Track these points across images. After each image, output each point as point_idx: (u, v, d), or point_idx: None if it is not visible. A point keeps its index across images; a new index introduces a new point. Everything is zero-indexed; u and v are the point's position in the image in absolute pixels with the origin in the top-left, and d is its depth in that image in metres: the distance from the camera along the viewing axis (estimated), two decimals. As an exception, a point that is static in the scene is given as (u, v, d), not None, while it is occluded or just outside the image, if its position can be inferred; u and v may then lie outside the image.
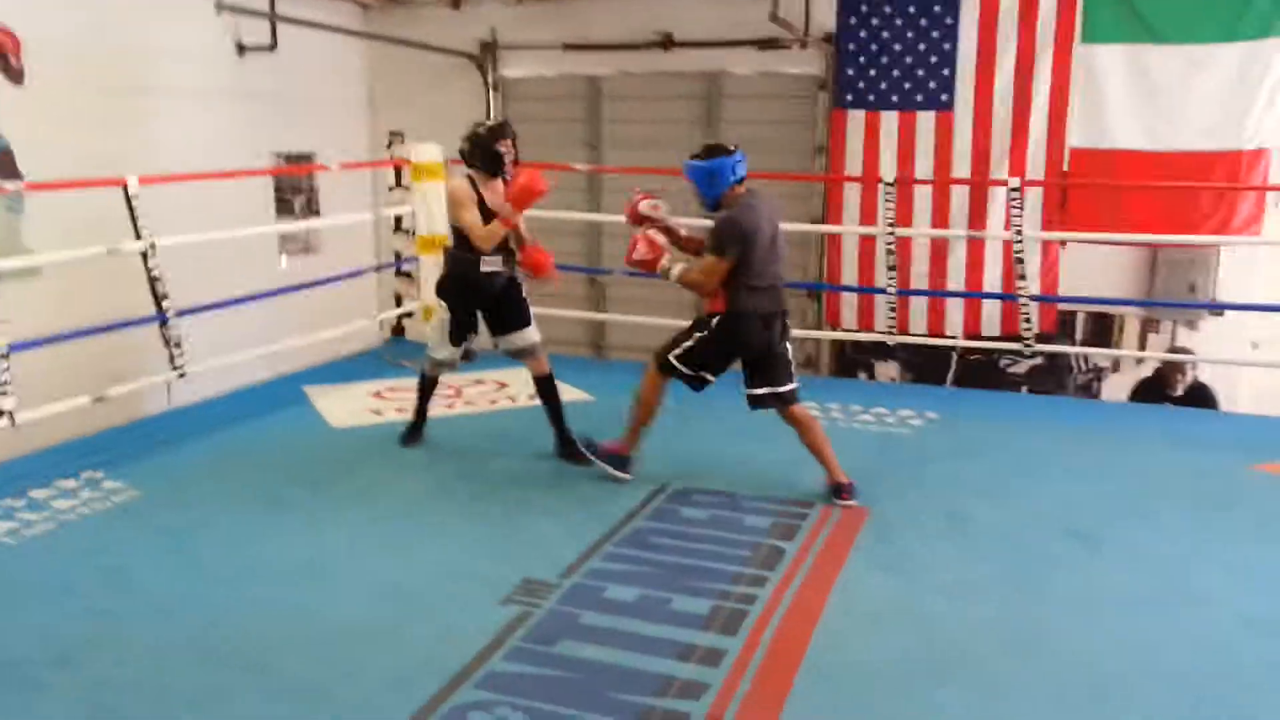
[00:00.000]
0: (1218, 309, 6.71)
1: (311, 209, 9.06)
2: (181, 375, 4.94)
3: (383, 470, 4.66)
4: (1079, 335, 7.27)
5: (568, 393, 5.75)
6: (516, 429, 5.32)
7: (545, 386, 4.90)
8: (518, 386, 6.06)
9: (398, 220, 6.96)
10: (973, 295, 6.70)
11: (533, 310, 5.03)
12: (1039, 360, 7.69)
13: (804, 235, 8.36)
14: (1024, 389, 7.72)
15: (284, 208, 8.84)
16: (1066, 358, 7.68)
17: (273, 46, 7.97)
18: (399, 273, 7.07)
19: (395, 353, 6.76)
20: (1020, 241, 5.81)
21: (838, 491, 4.28)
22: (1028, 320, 5.91)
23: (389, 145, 6.85)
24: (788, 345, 4.38)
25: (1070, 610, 3.33)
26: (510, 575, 3.54)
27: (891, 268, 6.08)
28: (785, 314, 4.32)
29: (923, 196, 6.83)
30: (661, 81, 8.81)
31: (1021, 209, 5.76)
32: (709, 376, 4.38)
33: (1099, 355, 6.91)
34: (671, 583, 3.48)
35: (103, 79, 6.89)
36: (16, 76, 6.27)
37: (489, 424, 5.44)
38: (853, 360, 8.34)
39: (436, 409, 5.54)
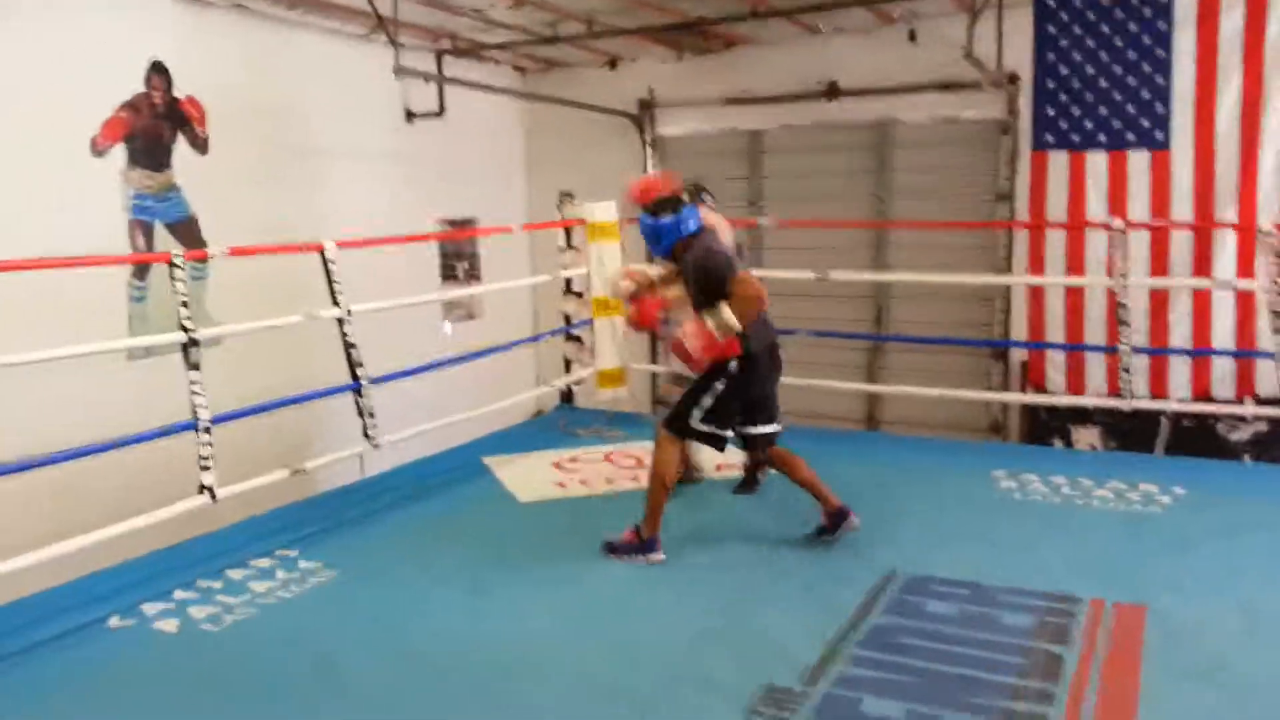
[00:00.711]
0: None
1: (473, 274, 9.05)
2: (376, 446, 4.77)
3: (581, 549, 4.33)
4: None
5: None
6: (712, 503, 4.95)
7: None
8: (703, 456, 5.70)
9: (568, 282, 6.76)
10: (1235, 354, 6.01)
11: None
12: (1264, 427, 6.92)
13: (985, 288, 7.84)
14: (1247, 458, 6.96)
15: (447, 273, 8.85)
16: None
17: (440, 112, 8.01)
18: (569, 337, 6.85)
19: (568, 420, 6.51)
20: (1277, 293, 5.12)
21: (835, 520, 4.23)
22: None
23: (560, 205, 6.68)
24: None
25: None
26: (747, 681, 3.13)
27: (1124, 323, 5.39)
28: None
29: (1137, 243, 6.24)
30: (826, 133, 8.48)
31: (1273, 256, 5.11)
32: (727, 434, 4.22)
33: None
34: (939, 696, 3.01)
35: (280, 146, 6.99)
36: (202, 146, 6.38)
37: (679, 499, 5.08)
38: (1047, 425, 7.71)
39: (625, 483, 5.26)
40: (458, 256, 8.96)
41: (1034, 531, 4.39)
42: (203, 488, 3.94)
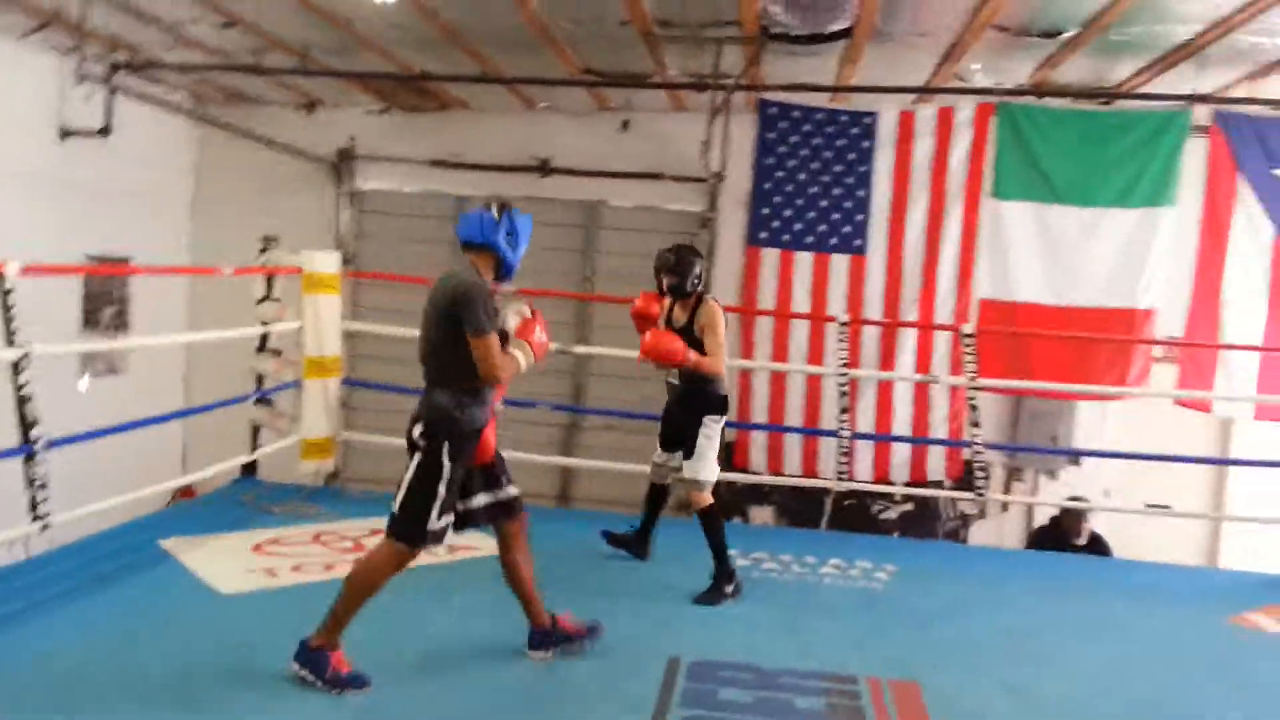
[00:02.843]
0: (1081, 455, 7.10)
1: (121, 322, 7.81)
2: (47, 526, 3.77)
3: (318, 649, 3.69)
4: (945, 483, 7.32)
5: (489, 544, 5.03)
6: (469, 589, 4.47)
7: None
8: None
9: (263, 339, 5.98)
10: (922, 441, 6.66)
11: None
12: (909, 506, 7.73)
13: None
14: (896, 534, 7.73)
15: (89, 319, 7.55)
16: (935, 504, 7.79)
17: (106, 131, 6.89)
18: (260, 401, 6.04)
19: (258, 496, 5.68)
20: (975, 387, 5.75)
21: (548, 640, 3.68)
22: (983, 469, 5.76)
23: (262, 251, 5.93)
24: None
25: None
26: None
27: (844, 410, 5.76)
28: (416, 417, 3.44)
29: (831, 337, 6.76)
30: (536, 207, 8.41)
31: (974, 355, 5.75)
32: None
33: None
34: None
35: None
36: None
37: (431, 583, 4.55)
38: (728, 503, 8.08)
39: (348, 568, 4.61)
40: (106, 300, 7.68)
41: (787, 610, 4.45)
42: None
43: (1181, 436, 7.34)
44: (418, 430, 3.37)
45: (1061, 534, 6.50)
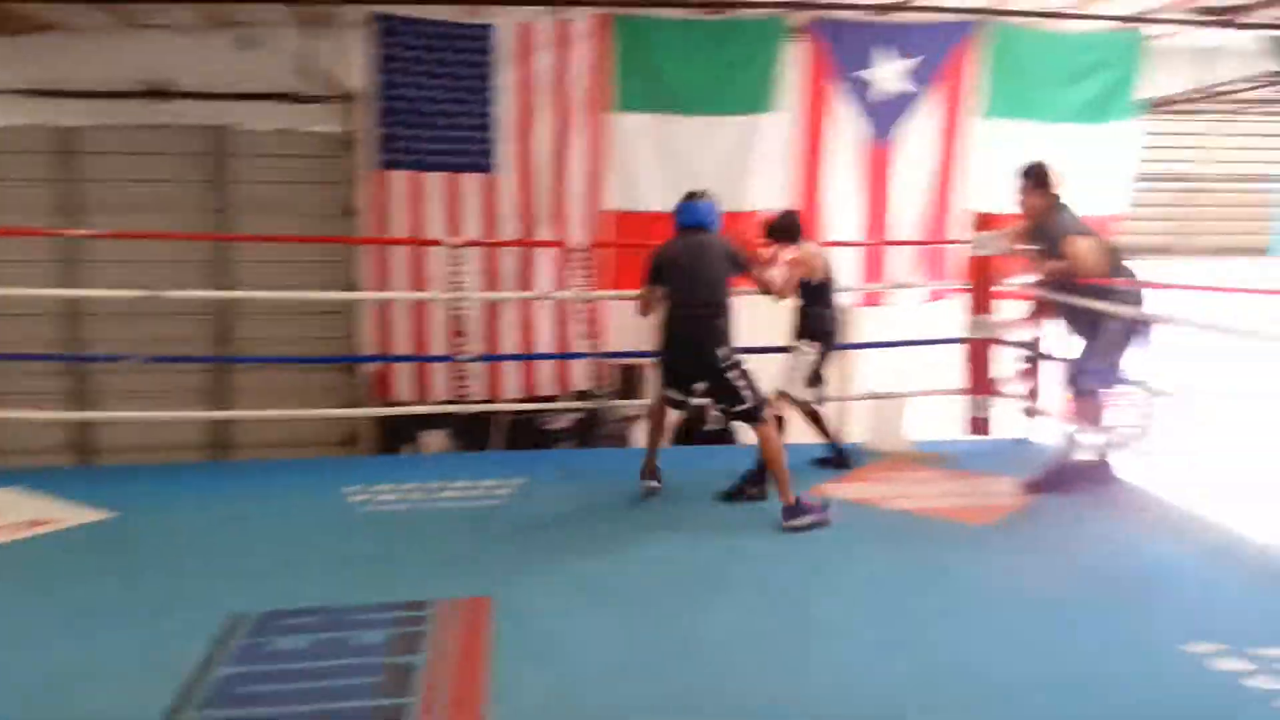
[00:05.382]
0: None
1: None
2: None
3: None
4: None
5: (72, 514, 4.64)
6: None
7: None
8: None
9: None
10: (568, 356, 6.72)
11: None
12: (580, 415, 7.92)
13: (335, 303, 7.82)
14: (565, 444, 7.88)
15: None
16: (597, 411, 8.00)
17: None
18: None
19: None
20: (587, 300, 5.85)
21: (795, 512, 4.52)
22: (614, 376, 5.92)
23: None
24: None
25: (734, 665, 3.26)
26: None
27: (462, 333, 5.69)
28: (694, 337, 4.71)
29: (473, 259, 6.65)
30: (156, 136, 7.72)
31: (589, 269, 5.84)
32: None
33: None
34: (294, 742, 2.80)
35: None
36: None
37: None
38: (397, 433, 7.93)
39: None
40: None
41: (387, 543, 4.40)
42: None
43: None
44: (721, 354, 4.64)
45: (694, 424, 6.88)
